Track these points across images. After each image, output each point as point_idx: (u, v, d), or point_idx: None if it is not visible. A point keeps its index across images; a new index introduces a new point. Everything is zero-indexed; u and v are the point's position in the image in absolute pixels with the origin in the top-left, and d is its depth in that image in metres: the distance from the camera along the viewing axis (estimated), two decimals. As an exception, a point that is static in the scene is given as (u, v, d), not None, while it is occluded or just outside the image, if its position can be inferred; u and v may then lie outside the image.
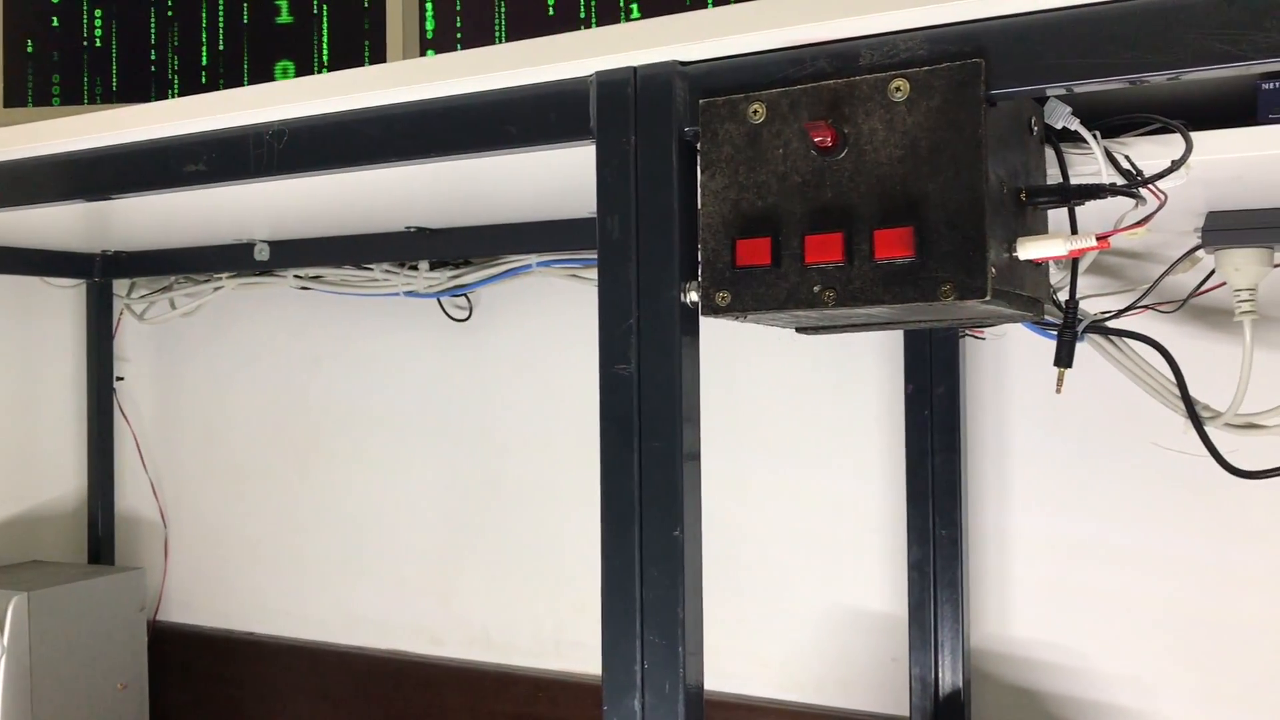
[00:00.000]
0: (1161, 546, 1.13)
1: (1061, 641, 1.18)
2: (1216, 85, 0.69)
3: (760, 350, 1.31)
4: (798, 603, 1.31)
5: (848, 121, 0.64)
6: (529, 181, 0.97)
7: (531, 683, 1.44)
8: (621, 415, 0.70)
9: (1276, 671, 1.10)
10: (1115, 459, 1.14)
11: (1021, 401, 1.19)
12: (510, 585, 1.47)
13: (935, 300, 0.61)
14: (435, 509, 1.53)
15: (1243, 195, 0.80)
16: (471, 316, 1.49)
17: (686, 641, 0.68)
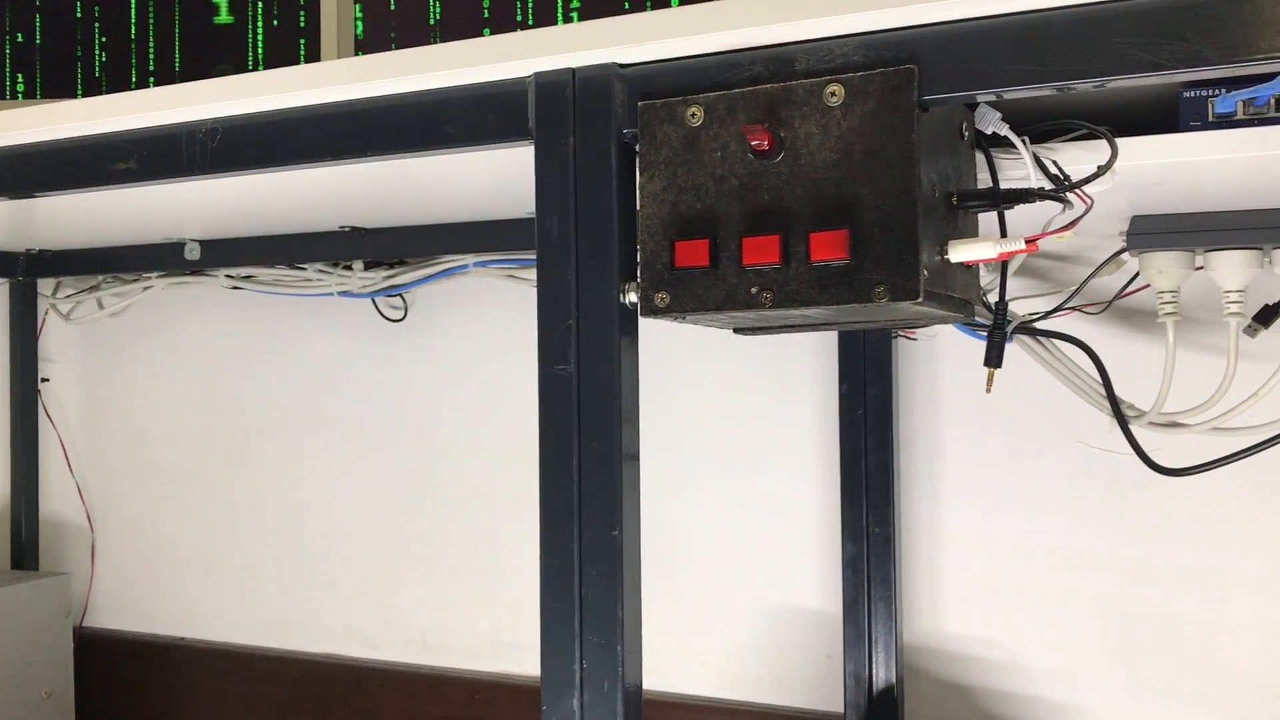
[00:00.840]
0: (1088, 542, 1.16)
1: (992, 636, 1.20)
2: (1141, 93, 0.71)
3: (698, 351, 1.32)
4: (735, 601, 1.32)
5: (784, 125, 0.65)
6: (466, 181, 0.97)
7: (468, 685, 1.44)
8: (560, 415, 0.70)
9: (1198, 663, 1.13)
10: (1043, 457, 1.17)
11: (952, 401, 1.21)
12: (446, 587, 1.47)
13: (869, 302, 0.62)
14: (370, 511, 1.51)
15: (1166, 200, 0.82)
16: (407, 317, 1.48)
17: (625, 640, 0.69)
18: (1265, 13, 0.56)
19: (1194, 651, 1.13)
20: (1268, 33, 0.56)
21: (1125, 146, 0.68)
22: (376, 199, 1.07)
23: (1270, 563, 1.10)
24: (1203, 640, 1.12)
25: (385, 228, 1.28)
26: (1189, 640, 1.13)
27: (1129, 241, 0.87)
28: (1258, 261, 0.86)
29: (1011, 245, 0.65)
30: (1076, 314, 0.95)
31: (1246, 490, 1.09)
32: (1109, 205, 0.79)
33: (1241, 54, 0.57)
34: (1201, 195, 0.81)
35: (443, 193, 1.04)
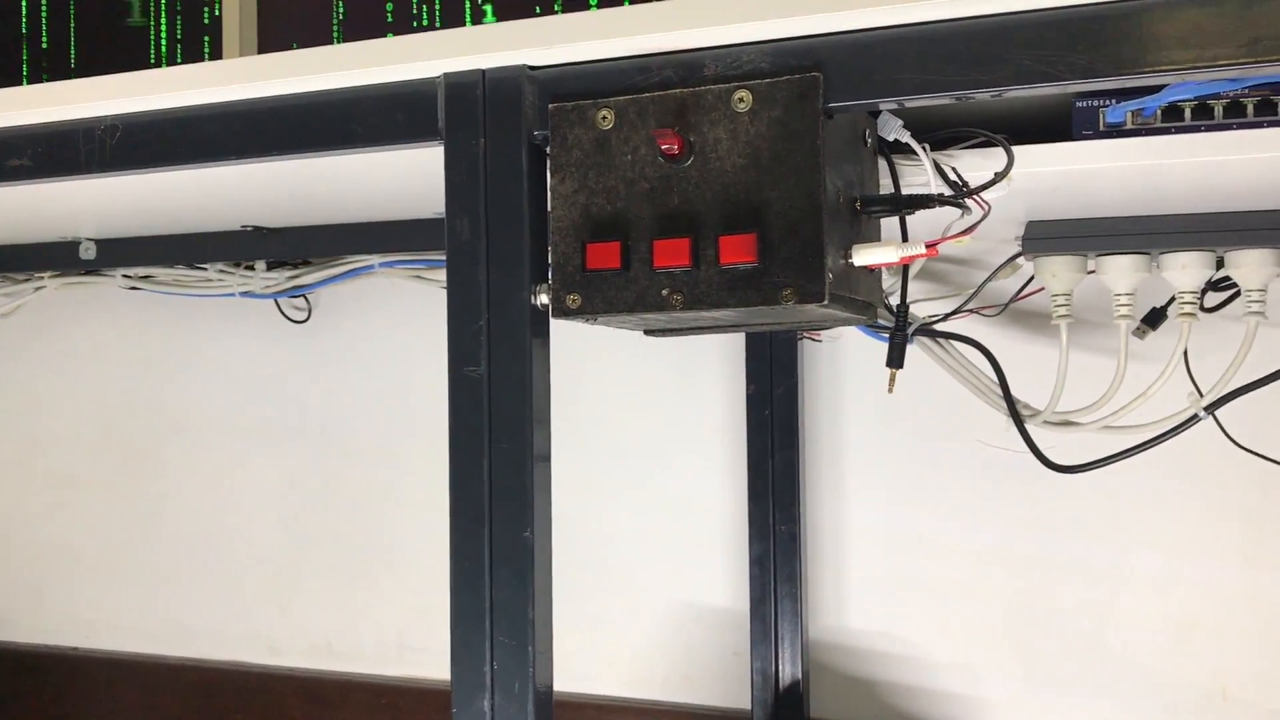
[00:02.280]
0: (987, 538, 1.19)
1: (894, 631, 1.23)
2: (1037, 103, 0.74)
3: (607, 352, 1.32)
4: (643, 601, 1.32)
5: (694, 130, 0.66)
6: (373, 181, 0.96)
7: (375, 690, 1.42)
8: (471, 417, 0.70)
9: (1091, 654, 1.17)
10: (944, 455, 1.20)
11: (856, 401, 1.24)
12: (352, 591, 1.45)
13: (777, 304, 0.63)
14: (273, 515, 1.49)
15: (1059, 206, 0.85)
16: (311, 318, 1.46)
17: (536, 641, 0.69)
18: (1153, 29, 0.59)
19: (1087, 643, 1.17)
20: (1154, 48, 0.59)
21: (1021, 154, 0.70)
22: (280, 198, 1.06)
23: (1158, 556, 1.15)
24: (1095, 632, 1.16)
25: (289, 227, 1.26)
26: (1083, 632, 1.17)
27: (1024, 246, 0.90)
28: (1146, 266, 0.90)
29: (912, 249, 0.66)
30: (974, 316, 0.98)
31: (1136, 486, 1.13)
32: (1005, 211, 0.81)
33: (1131, 67, 0.60)
34: (1093, 202, 0.84)
35: (348, 192, 1.02)
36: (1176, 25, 0.58)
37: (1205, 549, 1.13)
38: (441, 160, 0.72)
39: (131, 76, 0.78)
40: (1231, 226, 0.85)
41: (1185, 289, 0.89)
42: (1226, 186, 0.78)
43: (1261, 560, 1.12)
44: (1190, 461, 1.10)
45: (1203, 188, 0.79)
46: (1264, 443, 0.96)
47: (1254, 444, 0.96)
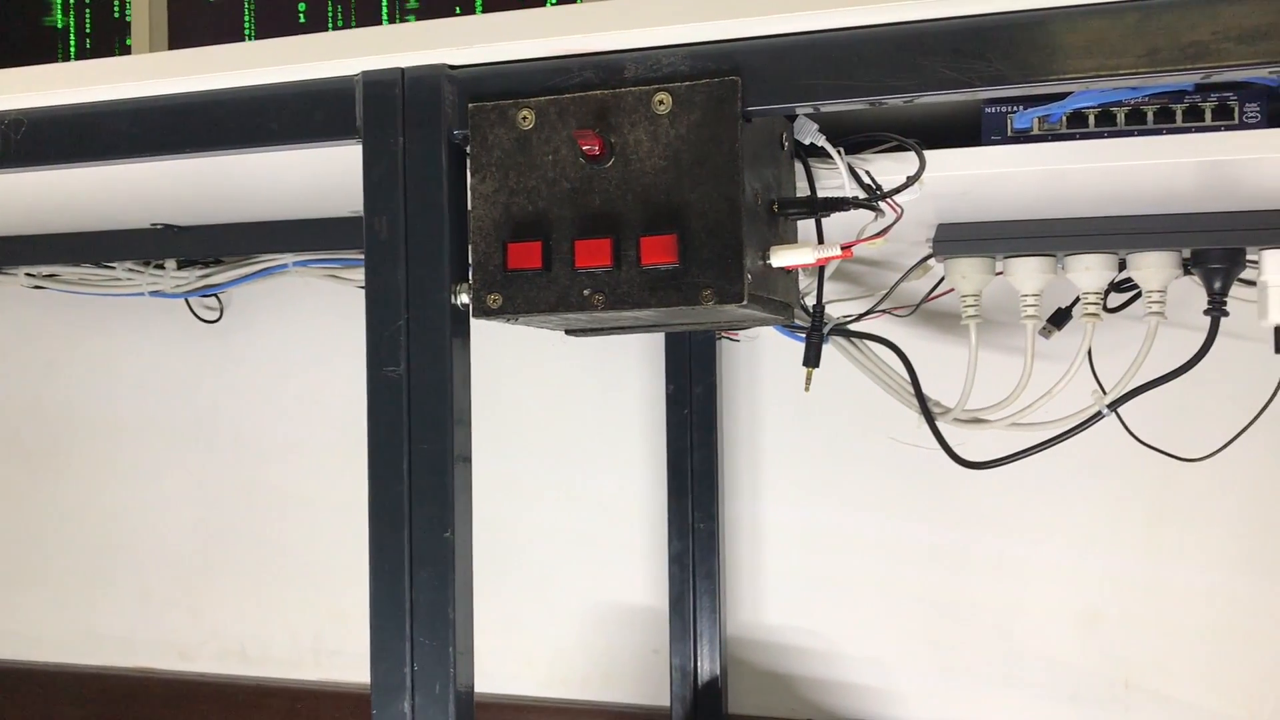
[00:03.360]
0: (900, 533, 1.22)
1: (810, 626, 1.25)
2: (948, 109, 0.75)
3: (527, 352, 1.32)
4: (563, 600, 1.33)
5: (614, 131, 0.66)
6: (288, 179, 0.95)
7: (290, 695, 1.40)
8: (390, 418, 0.70)
9: (999, 645, 1.20)
10: (858, 452, 1.22)
11: (773, 400, 1.26)
12: (266, 595, 1.43)
13: (697, 304, 0.64)
14: (184, 518, 1.46)
15: (969, 209, 0.87)
16: (223, 318, 1.44)
17: (457, 642, 0.69)
18: (1058, 39, 0.61)
19: (996, 634, 1.20)
20: (1060, 57, 0.61)
21: (932, 158, 0.72)
22: (191, 196, 1.04)
23: (1063, 550, 1.18)
24: (1004, 623, 1.20)
25: (200, 225, 1.23)
26: (992, 624, 1.20)
27: (935, 248, 0.92)
28: (1051, 268, 0.93)
29: (828, 251, 0.68)
30: (887, 316, 1.00)
31: (1043, 481, 1.16)
32: (917, 214, 0.83)
33: (1038, 75, 0.61)
34: (1001, 205, 0.87)
35: (262, 190, 1.01)
36: (1080, 36, 0.60)
37: (1109, 542, 1.17)
38: (358, 159, 0.72)
39: (39, 70, 0.76)
40: (1133, 230, 0.87)
41: (1089, 290, 0.92)
42: (1128, 191, 0.81)
43: (1162, 552, 1.16)
44: (1094, 457, 1.13)
45: (1105, 192, 0.81)
46: (1164, 438, 0.99)
47: (1154, 440, 0.99)
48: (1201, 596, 1.15)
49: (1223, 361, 0.91)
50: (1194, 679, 1.15)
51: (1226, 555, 1.14)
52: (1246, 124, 0.71)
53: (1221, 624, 1.14)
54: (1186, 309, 0.96)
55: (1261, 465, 1.11)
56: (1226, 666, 1.14)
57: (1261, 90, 0.71)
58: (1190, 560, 1.15)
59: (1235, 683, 1.14)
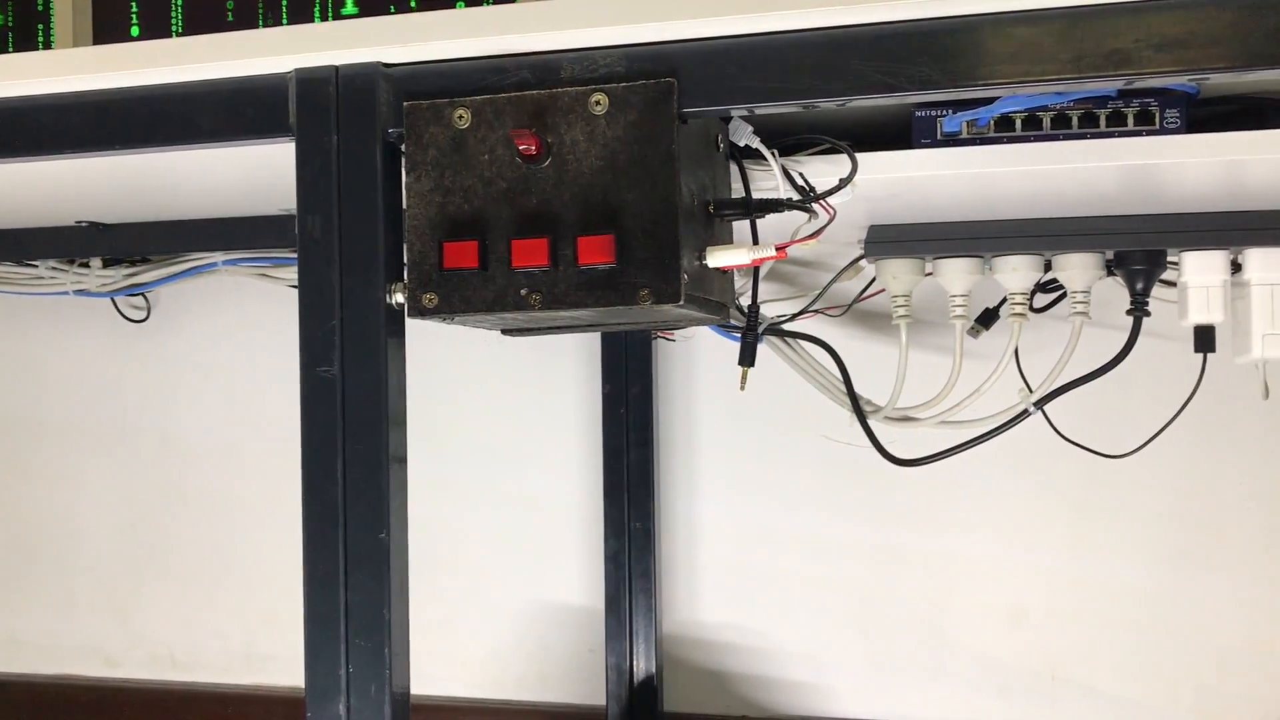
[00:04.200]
0: (832, 530, 1.23)
1: (745, 623, 1.26)
2: (879, 112, 0.77)
3: (462, 351, 1.32)
4: (499, 601, 1.32)
5: (551, 131, 0.66)
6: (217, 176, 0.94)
7: (220, 700, 1.38)
8: (324, 418, 0.69)
9: (929, 640, 1.22)
10: (792, 450, 1.23)
11: (708, 399, 1.26)
12: (195, 600, 1.41)
13: (634, 304, 0.64)
14: (109, 522, 1.43)
15: (899, 211, 0.89)
16: (150, 317, 1.41)
17: (393, 643, 0.68)
18: (986, 44, 0.62)
19: (927, 629, 1.22)
20: (988, 63, 0.62)
21: (864, 161, 0.73)
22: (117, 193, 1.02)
23: (992, 545, 1.20)
24: (934, 618, 1.22)
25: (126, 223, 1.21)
26: (922, 618, 1.22)
27: (867, 249, 0.94)
28: (979, 269, 0.94)
29: (763, 252, 0.68)
30: (820, 316, 1.01)
31: (971, 478, 1.19)
32: (849, 215, 0.84)
33: (966, 80, 0.63)
34: (931, 207, 0.88)
35: (190, 188, 1.00)
36: (1008, 42, 0.62)
37: (1035, 537, 1.19)
38: (291, 156, 0.71)
39: (-40, 64, 0.75)
40: (1058, 231, 0.89)
41: (1016, 290, 0.94)
42: (1053, 194, 0.83)
43: (1086, 547, 1.19)
44: (1021, 454, 1.16)
45: (1031, 194, 0.83)
46: (1089, 436, 1.02)
47: (1079, 437, 1.02)
48: (1125, 590, 1.18)
49: (1145, 360, 0.94)
50: (1118, 670, 1.18)
51: (1149, 549, 1.17)
52: (1167, 129, 0.73)
53: (1144, 616, 1.17)
54: (1110, 309, 0.98)
55: (1182, 461, 1.15)
56: (1148, 658, 1.17)
57: (1181, 97, 0.73)
58: (1114, 554, 1.18)
59: (1157, 673, 1.17)
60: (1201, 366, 0.95)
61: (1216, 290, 0.89)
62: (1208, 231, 0.87)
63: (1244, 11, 0.59)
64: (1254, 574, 1.15)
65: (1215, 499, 1.16)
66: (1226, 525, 1.15)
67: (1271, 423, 1.13)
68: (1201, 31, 0.60)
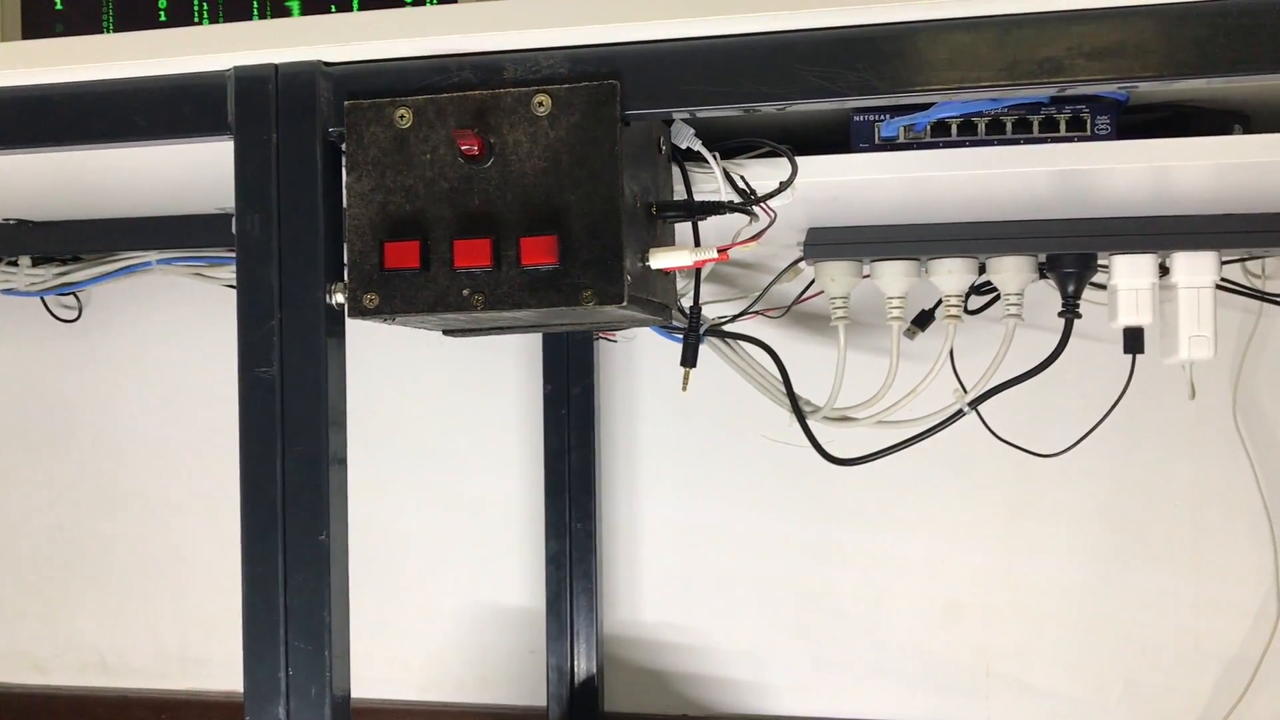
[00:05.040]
0: (772, 529, 1.24)
1: (686, 623, 1.27)
2: (819, 116, 0.78)
3: (402, 351, 1.31)
4: (439, 602, 1.32)
5: (493, 132, 0.66)
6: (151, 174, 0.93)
7: (155, 706, 1.36)
8: (263, 419, 0.69)
9: (867, 637, 1.23)
10: (732, 450, 1.24)
11: (650, 399, 1.27)
12: (128, 604, 1.39)
13: (578, 305, 0.64)
14: (38, 525, 1.40)
15: (838, 214, 0.90)
16: (81, 317, 1.39)
17: (333, 645, 0.68)
18: (923, 51, 0.63)
19: (864, 626, 1.23)
20: (925, 69, 0.63)
21: (804, 165, 0.74)
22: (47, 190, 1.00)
23: (928, 543, 1.22)
24: (872, 616, 1.23)
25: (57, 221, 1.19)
26: (860, 617, 1.23)
27: (806, 252, 0.94)
28: (916, 271, 0.96)
29: (705, 254, 0.69)
30: (760, 318, 1.02)
31: (907, 477, 1.20)
32: (790, 218, 0.85)
33: (904, 86, 0.64)
34: (869, 210, 0.89)
35: (123, 185, 0.98)
36: (944, 49, 0.63)
37: (970, 535, 1.21)
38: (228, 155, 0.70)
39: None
40: (992, 235, 0.91)
41: (951, 293, 0.95)
42: (987, 198, 0.84)
43: (1019, 544, 1.21)
44: (956, 453, 1.18)
45: (967, 198, 0.85)
46: (1021, 435, 1.04)
47: (1012, 436, 1.04)
48: (1056, 586, 1.20)
49: (1076, 361, 0.96)
50: (1050, 665, 1.20)
51: (1079, 546, 1.20)
52: (1097, 135, 0.75)
53: (1075, 612, 1.20)
54: (1042, 311, 1.00)
55: (1112, 460, 1.17)
56: (1080, 652, 1.20)
57: (1111, 104, 0.75)
58: (1046, 552, 1.20)
59: (1087, 668, 1.20)
60: (1130, 367, 0.97)
61: (1145, 293, 0.92)
62: (1136, 236, 0.89)
63: (1171, 23, 0.61)
64: (1180, 570, 1.18)
65: (1143, 497, 1.18)
66: (1154, 522, 1.18)
67: (1198, 422, 1.16)
68: (1131, 41, 0.61)
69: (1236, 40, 0.60)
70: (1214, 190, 0.82)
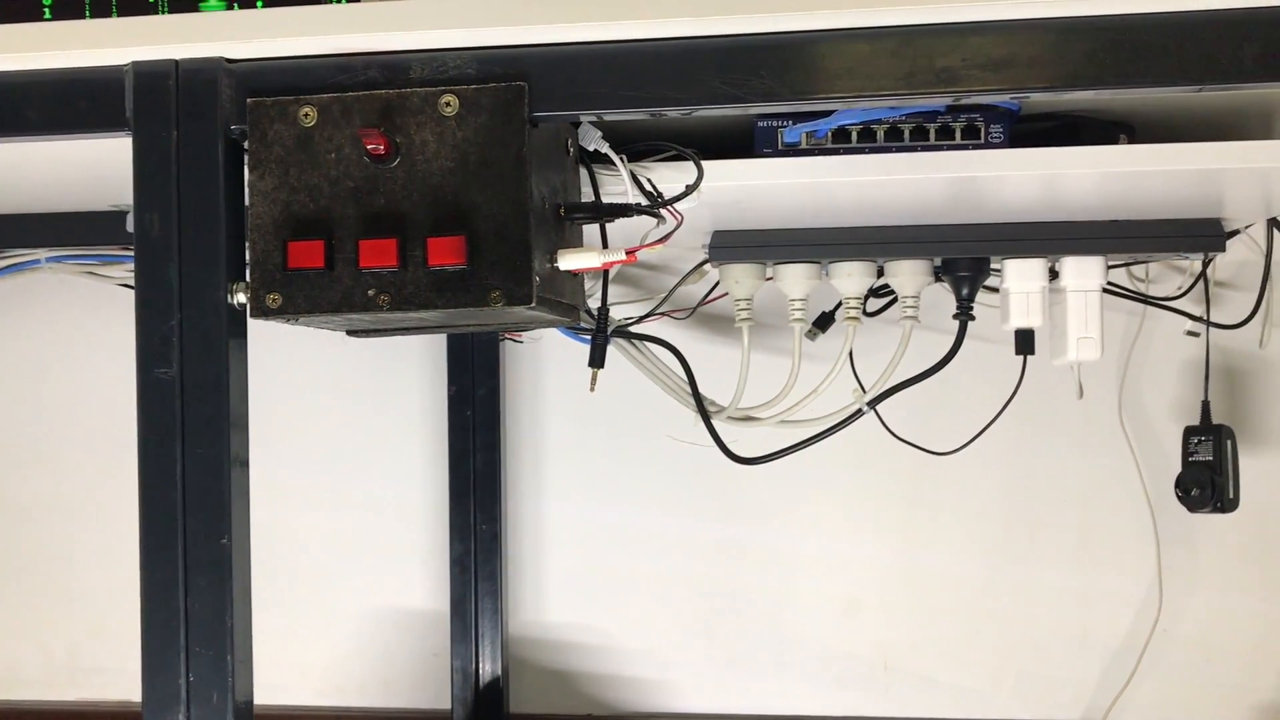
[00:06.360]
0: (677, 528, 1.25)
1: (591, 623, 1.27)
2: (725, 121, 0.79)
3: (302, 351, 1.29)
4: (341, 606, 1.30)
5: (400, 131, 0.66)
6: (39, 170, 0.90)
7: (44, 718, 1.32)
8: (162, 421, 0.68)
9: (770, 634, 1.25)
10: (638, 450, 1.25)
11: (556, 400, 1.27)
12: (13, 612, 1.34)
13: (486, 306, 0.64)
14: (-81, 533, 1.35)
15: (743, 218, 0.91)
16: (-35, 316, 1.34)
17: (235, 650, 0.67)
18: (825, 60, 0.65)
19: (766, 623, 1.25)
20: (826, 76, 0.65)
21: (709, 168, 0.75)
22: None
23: (829, 540, 1.25)
24: (774, 613, 1.25)
25: (-61, 218, 1.15)
26: (763, 614, 1.25)
27: (711, 254, 0.96)
28: (817, 274, 0.98)
29: (613, 256, 0.70)
30: (666, 319, 1.03)
31: (809, 475, 1.22)
32: (695, 221, 0.86)
33: (806, 93, 0.65)
34: (772, 214, 0.91)
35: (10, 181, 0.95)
36: (845, 58, 0.65)
37: (869, 531, 1.24)
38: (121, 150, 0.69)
39: None
40: (890, 239, 0.93)
41: (850, 295, 0.98)
42: (886, 203, 0.86)
43: (915, 539, 1.24)
44: (856, 452, 1.20)
45: (866, 203, 0.87)
46: (918, 433, 1.07)
47: (909, 435, 1.06)
48: (952, 581, 1.23)
49: (970, 362, 0.99)
50: (946, 659, 1.24)
51: (974, 542, 1.23)
52: (991, 143, 0.78)
53: (970, 606, 1.23)
54: (938, 313, 1.03)
55: (1004, 458, 1.21)
56: (974, 645, 1.23)
57: (1004, 113, 0.78)
58: (942, 547, 1.23)
59: (981, 660, 1.23)
60: (1022, 368, 1.00)
61: (1036, 296, 0.95)
62: (1027, 241, 0.93)
63: (1062, 35, 0.63)
64: (1069, 564, 1.22)
65: (1034, 493, 1.22)
66: (1044, 518, 1.22)
67: (1085, 421, 1.21)
68: (1023, 53, 0.64)
69: (1122, 54, 0.63)
70: (1101, 197, 0.86)
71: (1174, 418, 1.19)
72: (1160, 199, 0.86)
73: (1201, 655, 1.20)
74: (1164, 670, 1.20)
